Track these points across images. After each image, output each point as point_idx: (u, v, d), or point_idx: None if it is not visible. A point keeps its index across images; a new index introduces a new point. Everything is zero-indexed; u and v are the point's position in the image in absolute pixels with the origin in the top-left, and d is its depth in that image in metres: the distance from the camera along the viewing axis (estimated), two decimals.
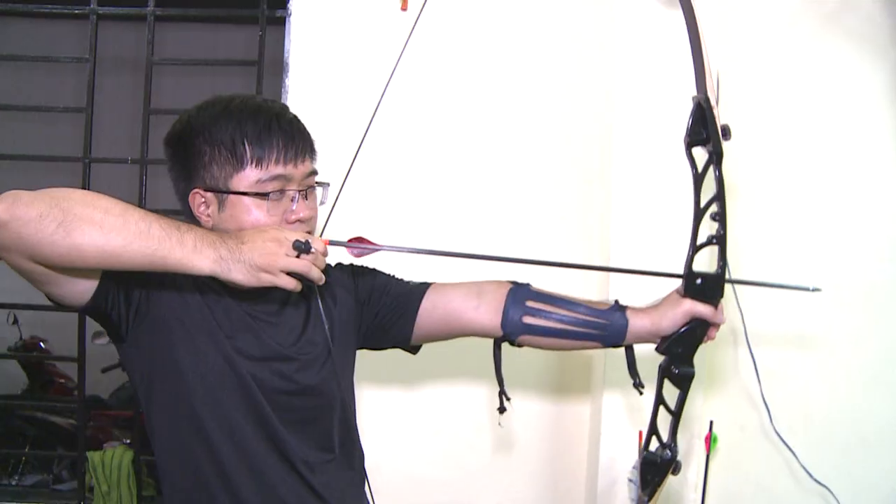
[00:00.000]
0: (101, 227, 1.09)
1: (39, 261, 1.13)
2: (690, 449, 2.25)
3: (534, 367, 2.42)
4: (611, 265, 2.22)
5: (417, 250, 1.40)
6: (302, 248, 1.18)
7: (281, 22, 2.48)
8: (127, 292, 1.28)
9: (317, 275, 1.21)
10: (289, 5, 2.45)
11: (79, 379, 2.70)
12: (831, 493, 2.20)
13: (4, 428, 3.97)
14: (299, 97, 2.38)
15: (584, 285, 2.30)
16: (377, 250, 1.31)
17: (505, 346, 1.48)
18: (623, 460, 2.21)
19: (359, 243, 1.32)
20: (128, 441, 3.69)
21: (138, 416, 2.76)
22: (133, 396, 3.98)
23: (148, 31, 2.60)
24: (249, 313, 1.37)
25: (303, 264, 1.18)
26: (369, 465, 1.53)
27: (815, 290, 1.37)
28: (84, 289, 1.24)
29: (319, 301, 1.38)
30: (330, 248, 1.24)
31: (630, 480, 2.17)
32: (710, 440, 2.17)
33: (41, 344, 4.59)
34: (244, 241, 1.16)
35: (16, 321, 4.56)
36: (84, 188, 2.16)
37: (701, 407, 2.24)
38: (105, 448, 2.75)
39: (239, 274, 1.15)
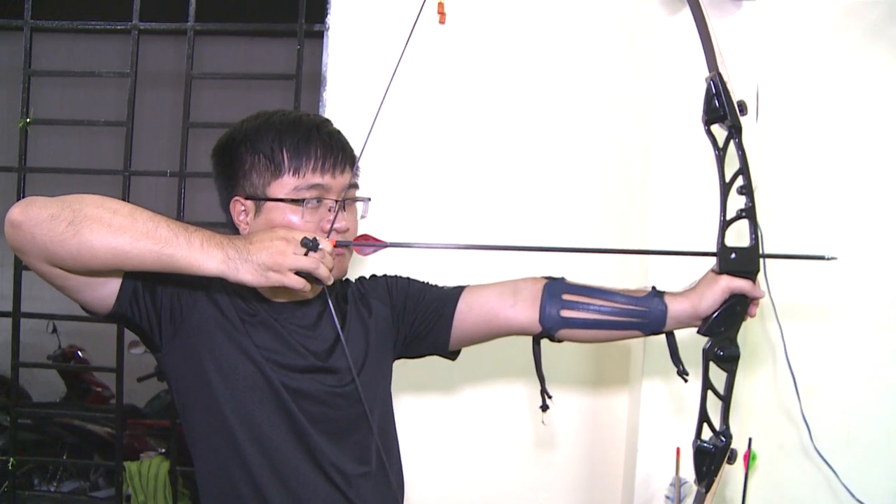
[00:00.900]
0: (109, 226, 1.12)
1: (54, 262, 1.16)
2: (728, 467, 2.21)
3: (571, 361, 2.39)
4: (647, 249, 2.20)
5: (424, 245, 1.40)
6: (309, 245, 1.18)
7: (319, 36, 2.50)
8: (153, 300, 1.30)
9: (325, 273, 1.20)
10: (327, 19, 2.47)
11: (117, 389, 2.72)
12: None
13: (44, 435, 4.03)
14: (337, 111, 2.39)
15: (623, 274, 2.29)
16: (384, 247, 1.31)
17: (543, 342, 1.46)
18: (659, 476, 2.18)
19: (365, 241, 1.33)
20: (163, 451, 3.73)
21: (175, 426, 2.78)
22: (168, 405, 4.05)
23: (188, 46, 2.63)
24: (283, 325, 1.38)
25: (310, 262, 1.18)
26: (406, 479, 1.52)
27: (830, 258, 1.36)
28: (105, 294, 1.26)
29: (330, 301, 1.35)
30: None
31: (667, 497, 2.14)
32: (749, 458, 2.13)
33: (79, 353, 4.68)
34: (252, 241, 1.17)
35: (55, 330, 4.67)
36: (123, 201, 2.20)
37: (740, 424, 2.20)
38: (142, 458, 2.78)
39: (247, 274, 1.15)
